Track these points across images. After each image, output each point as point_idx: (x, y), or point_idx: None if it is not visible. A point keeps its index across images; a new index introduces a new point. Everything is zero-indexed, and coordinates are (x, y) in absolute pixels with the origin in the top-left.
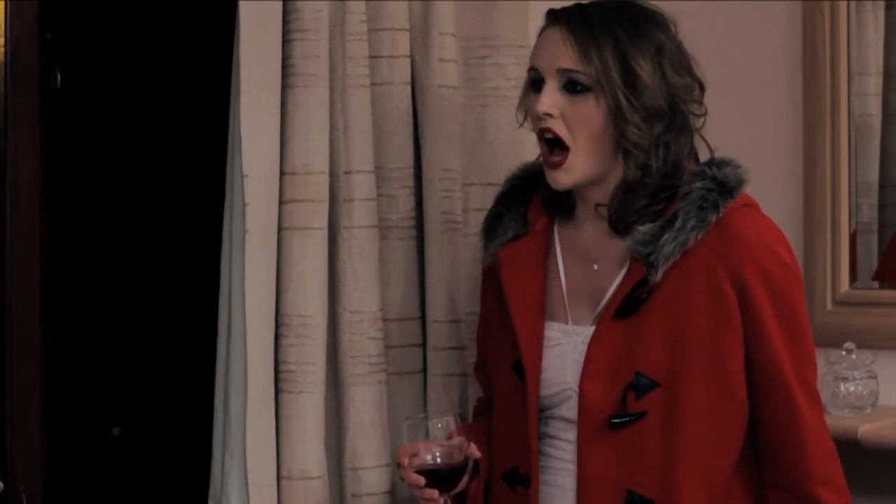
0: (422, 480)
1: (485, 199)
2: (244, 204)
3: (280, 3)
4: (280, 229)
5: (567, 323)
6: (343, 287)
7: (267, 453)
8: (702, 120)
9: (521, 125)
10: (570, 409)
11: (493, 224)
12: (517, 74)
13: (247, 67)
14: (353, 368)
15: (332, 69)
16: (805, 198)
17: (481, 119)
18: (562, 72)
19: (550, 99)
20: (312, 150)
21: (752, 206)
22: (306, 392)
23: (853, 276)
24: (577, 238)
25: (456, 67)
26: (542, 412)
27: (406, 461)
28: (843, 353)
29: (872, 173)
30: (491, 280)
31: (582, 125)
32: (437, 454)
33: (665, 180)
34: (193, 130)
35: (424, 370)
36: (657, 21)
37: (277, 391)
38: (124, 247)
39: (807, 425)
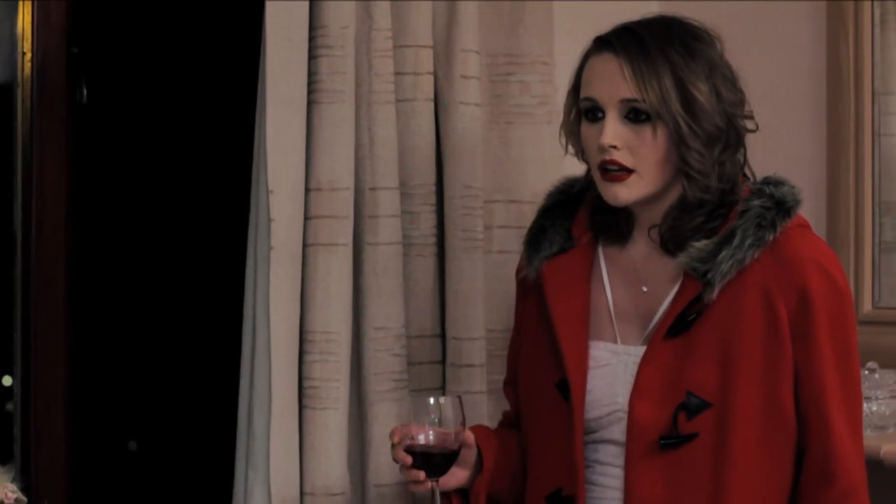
0: (409, 459)
1: (509, 216)
2: (269, 219)
3: (306, 20)
4: (305, 245)
5: (615, 342)
6: (367, 303)
7: (290, 469)
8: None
9: (567, 152)
10: (619, 432)
11: (536, 237)
12: (542, 92)
13: (273, 83)
14: (377, 385)
15: (357, 85)
16: (828, 216)
17: (505, 136)
18: (624, 102)
19: (614, 130)
20: (338, 167)
21: (805, 226)
22: (330, 408)
23: (876, 296)
24: (624, 256)
25: (479, 84)
26: (587, 434)
27: (397, 439)
28: (866, 372)
29: None
30: (531, 294)
31: (646, 153)
32: (431, 437)
33: (723, 197)
34: (219, 146)
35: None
36: (705, 38)
37: (301, 407)
38: (148, 261)
39: (842, 453)
